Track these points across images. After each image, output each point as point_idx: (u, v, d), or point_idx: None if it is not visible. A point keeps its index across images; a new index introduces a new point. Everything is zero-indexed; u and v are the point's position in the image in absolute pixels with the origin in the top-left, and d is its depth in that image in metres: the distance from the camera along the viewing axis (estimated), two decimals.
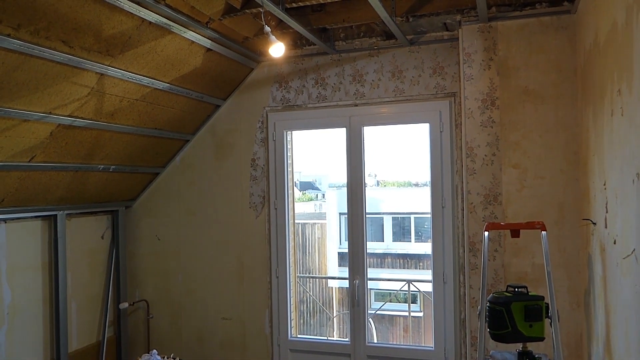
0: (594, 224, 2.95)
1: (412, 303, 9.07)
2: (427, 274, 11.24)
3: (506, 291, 2.81)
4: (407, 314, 11.73)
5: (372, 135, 4.34)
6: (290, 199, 4.51)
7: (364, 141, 4.27)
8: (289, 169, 4.51)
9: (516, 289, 2.77)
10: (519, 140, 3.61)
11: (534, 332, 2.66)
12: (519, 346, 2.82)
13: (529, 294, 2.76)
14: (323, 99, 4.35)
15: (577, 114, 3.46)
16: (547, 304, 2.65)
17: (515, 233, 3.12)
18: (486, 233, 3.09)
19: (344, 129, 4.30)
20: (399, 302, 12.84)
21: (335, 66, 4.31)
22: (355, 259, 4.29)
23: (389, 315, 12.40)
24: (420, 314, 11.87)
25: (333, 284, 12.38)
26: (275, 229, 4.48)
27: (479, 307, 3.04)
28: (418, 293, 11.12)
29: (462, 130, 3.78)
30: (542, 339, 2.70)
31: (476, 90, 3.70)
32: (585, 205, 3.28)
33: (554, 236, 3.47)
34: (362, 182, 4.26)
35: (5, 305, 3.80)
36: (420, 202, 14.18)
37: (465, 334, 3.86)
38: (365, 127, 4.26)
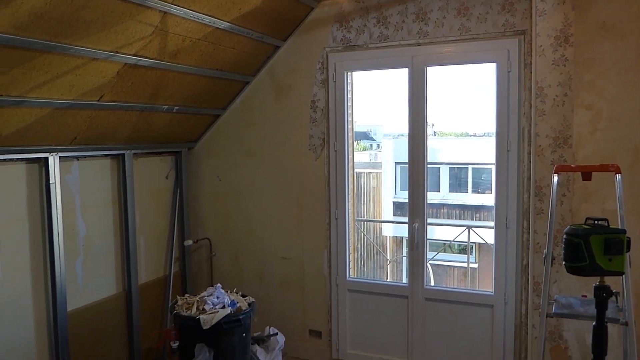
0: None
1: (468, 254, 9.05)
2: (485, 225, 11.09)
3: (585, 224, 2.67)
4: (461, 264, 11.66)
5: (431, 82, 4.19)
6: (350, 141, 4.48)
7: (427, 82, 4.14)
8: (349, 111, 4.45)
9: (596, 222, 2.63)
10: (594, 80, 3.41)
11: (613, 266, 2.53)
12: (591, 283, 2.70)
13: (610, 227, 2.62)
14: (385, 38, 4.22)
15: None
16: (629, 238, 2.53)
17: (586, 176, 2.99)
18: (555, 176, 2.98)
19: (406, 70, 4.18)
20: (453, 253, 12.78)
21: (398, 4, 4.15)
22: (416, 205, 4.25)
23: (443, 265, 12.39)
24: (476, 265, 11.78)
25: (387, 232, 12.42)
26: (334, 171, 4.48)
27: (544, 252, 2.97)
28: (474, 244, 11.01)
29: (532, 70, 3.60)
30: (621, 273, 2.56)
31: (549, 26, 3.49)
32: None
33: (628, 182, 3.30)
34: (424, 122, 4.15)
35: (81, 237, 4.03)
36: (478, 152, 13.84)
37: (527, 279, 3.80)
38: (428, 68, 4.12)
